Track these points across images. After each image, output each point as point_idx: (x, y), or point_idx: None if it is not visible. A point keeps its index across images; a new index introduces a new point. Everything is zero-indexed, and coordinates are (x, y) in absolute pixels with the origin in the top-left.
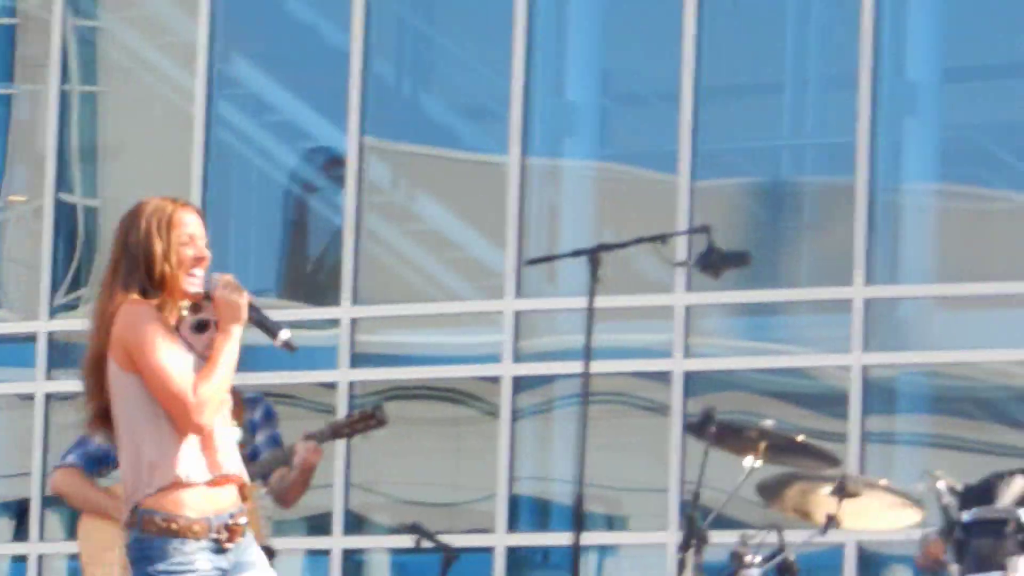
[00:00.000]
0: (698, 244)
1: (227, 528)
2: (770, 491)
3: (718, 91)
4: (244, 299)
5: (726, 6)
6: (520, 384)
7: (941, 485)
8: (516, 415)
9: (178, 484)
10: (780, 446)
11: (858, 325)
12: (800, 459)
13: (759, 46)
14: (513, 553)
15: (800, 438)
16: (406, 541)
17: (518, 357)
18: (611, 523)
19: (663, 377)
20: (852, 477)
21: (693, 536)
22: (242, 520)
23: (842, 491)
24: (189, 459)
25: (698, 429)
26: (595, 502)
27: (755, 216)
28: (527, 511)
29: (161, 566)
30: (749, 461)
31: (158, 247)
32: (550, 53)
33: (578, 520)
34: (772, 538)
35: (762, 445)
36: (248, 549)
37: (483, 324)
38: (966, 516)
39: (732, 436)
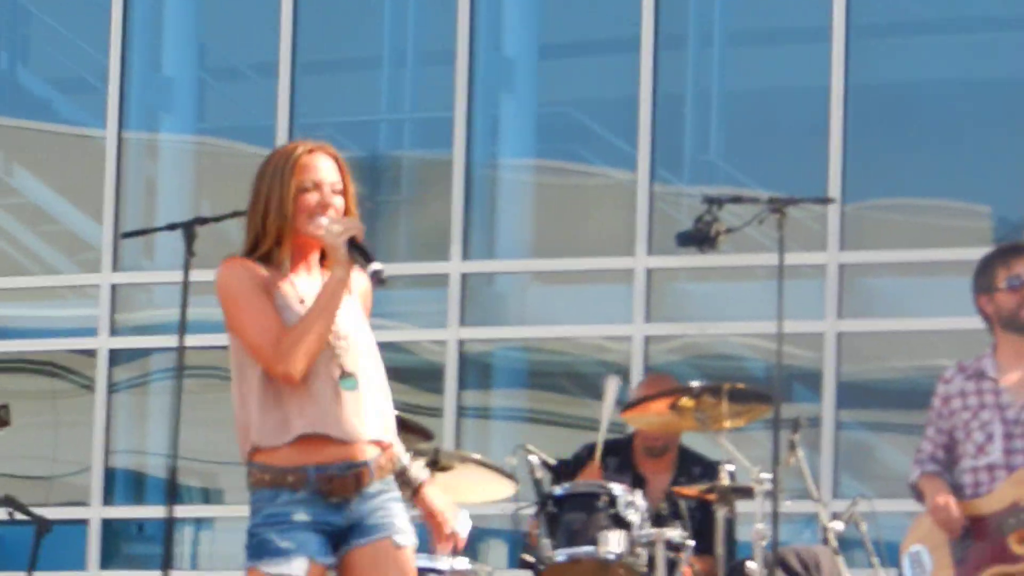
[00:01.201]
0: None
1: (330, 480)
2: None
3: (316, 65)
4: (342, 238)
5: None
6: (116, 357)
7: (533, 459)
8: (112, 388)
9: (268, 440)
10: None
11: (455, 300)
12: None
13: (357, 20)
14: (108, 525)
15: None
16: None
17: (115, 330)
18: (206, 496)
19: None
20: (445, 451)
21: None
22: (362, 474)
23: (435, 465)
24: (282, 417)
25: None
26: (190, 475)
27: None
28: (123, 484)
29: (256, 519)
30: None
31: (274, 196)
32: (147, 27)
33: (172, 493)
34: None
35: None
36: (376, 513)
37: (80, 297)
38: (558, 490)
39: None
